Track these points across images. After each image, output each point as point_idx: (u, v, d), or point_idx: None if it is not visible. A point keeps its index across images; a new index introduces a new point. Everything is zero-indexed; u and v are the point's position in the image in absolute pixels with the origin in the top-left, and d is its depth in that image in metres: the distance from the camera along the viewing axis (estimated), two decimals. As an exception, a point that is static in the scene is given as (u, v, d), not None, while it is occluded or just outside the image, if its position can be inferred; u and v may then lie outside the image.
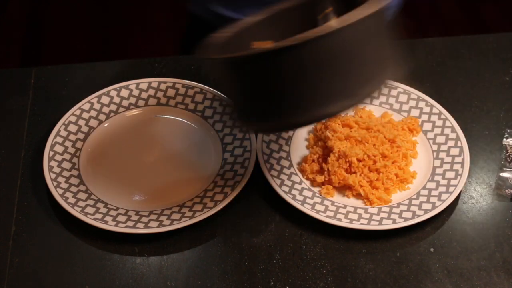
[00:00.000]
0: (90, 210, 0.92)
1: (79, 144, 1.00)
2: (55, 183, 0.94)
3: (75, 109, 1.02)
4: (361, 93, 0.79)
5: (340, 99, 0.78)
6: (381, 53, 0.81)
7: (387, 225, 0.90)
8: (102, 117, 1.03)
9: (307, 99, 0.78)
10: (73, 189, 0.94)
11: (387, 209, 0.93)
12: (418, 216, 0.91)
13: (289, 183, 0.95)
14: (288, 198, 0.92)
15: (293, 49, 0.75)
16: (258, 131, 0.87)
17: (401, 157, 0.97)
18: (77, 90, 1.07)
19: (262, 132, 0.96)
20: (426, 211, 0.91)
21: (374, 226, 0.90)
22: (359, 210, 0.93)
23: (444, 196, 0.93)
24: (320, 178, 0.96)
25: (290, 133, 1.01)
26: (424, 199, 0.93)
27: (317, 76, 0.77)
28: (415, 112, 1.04)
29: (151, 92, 1.06)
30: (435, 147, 1.00)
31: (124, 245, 0.90)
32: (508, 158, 0.99)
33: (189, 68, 1.11)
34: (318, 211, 0.92)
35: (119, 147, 1.01)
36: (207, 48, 0.86)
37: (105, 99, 1.04)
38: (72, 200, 0.92)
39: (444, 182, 0.95)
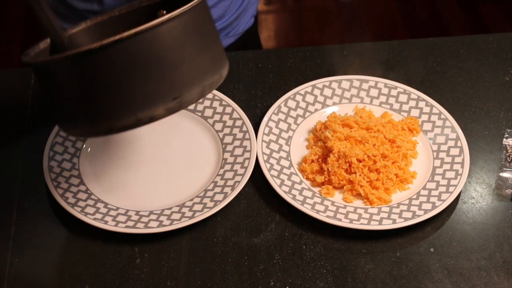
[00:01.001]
0: (90, 210, 0.92)
1: (79, 144, 1.00)
2: (55, 183, 0.94)
3: (75, 109, 1.02)
4: (181, 97, 0.76)
5: (157, 103, 0.76)
6: (196, 57, 0.78)
7: (387, 225, 0.90)
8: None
9: (118, 103, 0.76)
10: (73, 189, 0.94)
11: (387, 209, 0.93)
12: (418, 216, 0.91)
13: (289, 183, 0.95)
14: (288, 198, 0.92)
15: (98, 51, 0.73)
16: (77, 135, 0.84)
17: (401, 157, 0.97)
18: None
19: (79, 136, 0.89)
20: (426, 211, 0.91)
21: (374, 226, 0.90)
22: (359, 210, 0.93)
23: (444, 196, 0.93)
24: (320, 178, 0.96)
25: (290, 133, 1.02)
26: (424, 199, 0.93)
27: (124, 80, 0.75)
28: (415, 112, 1.04)
29: (151, 92, 1.06)
30: (435, 147, 1.00)
31: (124, 245, 0.90)
32: (508, 158, 0.99)
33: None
34: (318, 211, 0.92)
35: (119, 147, 1.01)
36: (29, 53, 0.86)
37: (105, 99, 1.04)
38: (72, 200, 0.92)
39: (444, 182, 0.95)
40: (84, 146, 1.00)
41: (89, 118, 0.78)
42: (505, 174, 0.97)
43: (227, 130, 1.01)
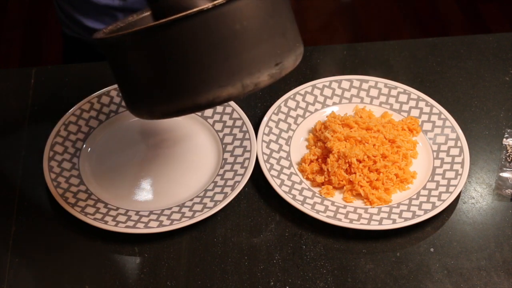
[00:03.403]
0: (90, 210, 0.92)
1: (79, 144, 1.00)
2: (55, 183, 0.94)
3: (75, 109, 1.02)
4: (250, 78, 0.75)
5: (229, 82, 0.74)
6: (271, 37, 0.77)
7: (387, 225, 0.90)
8: (102, 117, 1.03)
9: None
10: (73, 189, 0.94)
11: (387, 209, 0.93)
12: (418, 216, 0.91)
13: (289, 183, 0.95)
14: (288, 198, 0.92)
15: (175, 24, 0.72)
16: (149, 117, 0.81)
17: (401, 157, 0.97)
18: (77, 90, 1.07)
19: (150, 118, 0.84)
20: (426, 211, 0.91)
21: (374, 226, 0.90)
22: (359, 210, 0.93)
23: (444, 196, 0.93)
24: (320, 179, 0.96)
25: (290, 133, 1.02)
26: (424, 199, 0.93)
27: (197, 57, 0.73)
28: (415, 112, 1.04)
29: (151, 92, 1.06)
30: (435, 147, 1.00)
31: (124, 245, 0.90)
32: (508, 158, 0.99)
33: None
34: (318, 211, 0.92)
35: (119, 147, 1.01)
36: (99, 33, 0.85)
37: (105, 99, 1.04)
38: (72, 200, 0.92)
39: (444, 182, 0.95)
40: (84, 146, 1.00)
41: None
42: (505, 174, 0.97)
43: (227, 130, 1.01)
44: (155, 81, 0.77)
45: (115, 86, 1.05)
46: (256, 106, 1.06)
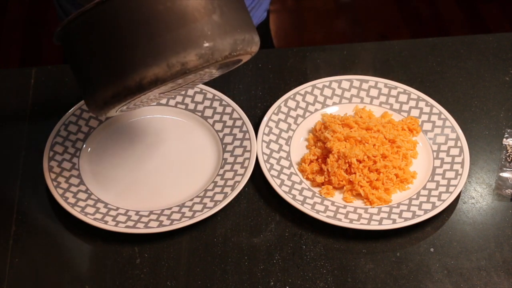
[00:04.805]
0: (90, 210, 0.92)
1: (79, 144, 1.00)
2: (55, 183, 0.94)
3: (75, 109, 1.02)
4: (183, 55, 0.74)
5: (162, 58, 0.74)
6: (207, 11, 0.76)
7: (387, 225, 0.90)
8: (102, 117, 1.03)
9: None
10: (73, 189, 0.94)
11: (387, 209, 0.93)
12: (418, 216, 0.91)
13: (289, 183, 0.95)
14: (288, 198, 0.92)
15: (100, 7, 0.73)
16: (97, 108, 0.79)
17: (401, 157, 0.97)
18: (77, 90, 1.07)
19: (99, 110, 0.81)
20: (426, 211, 0.91)
21: (374, 226, 0.90)
22: (359, 210, 0.93)
23: (444, 196, 0.93)
24: (320, 179, 0.96)
25: (290, 133, 1.02)
26: (424, 199, 0.93)
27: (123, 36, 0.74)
28: (415, 112, 1.04)
29: (151, 92, 1.06)
30: (435, 147, 1.00)
31: (124, 245, 0.90)
32: (508, 158, 0.99)
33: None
34: (318, 211, 0.92)
35: (119, 147, 1.01)
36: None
37: (105, 99, 1.04)
38: (72, 200, 0.92)
39: (444, 182, 0.95)
40: (84, 146, 1.00)
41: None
42: (505, 174, 0.97)
43: (227, 130, 1.01)
44: (91, 67, 0.77)
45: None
46: (256, 106, 1.06)
